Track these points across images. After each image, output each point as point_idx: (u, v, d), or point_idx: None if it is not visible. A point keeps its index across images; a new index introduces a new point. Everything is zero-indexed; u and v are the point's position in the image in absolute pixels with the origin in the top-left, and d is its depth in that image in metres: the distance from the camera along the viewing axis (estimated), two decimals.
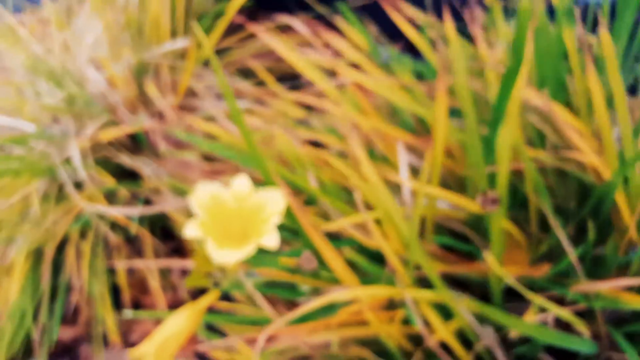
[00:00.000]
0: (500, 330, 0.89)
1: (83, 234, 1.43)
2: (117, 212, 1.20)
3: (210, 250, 0.65)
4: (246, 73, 1.51)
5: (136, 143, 1.39)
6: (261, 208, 0.72)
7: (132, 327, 1.49)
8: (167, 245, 1.57)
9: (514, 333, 0.75)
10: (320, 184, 0.93)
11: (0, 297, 1.42)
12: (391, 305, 0.78)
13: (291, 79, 1.53)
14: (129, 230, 1.39)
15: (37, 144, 1.42)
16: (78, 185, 1.40)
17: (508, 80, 0.69)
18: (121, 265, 1.41)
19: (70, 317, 1.51)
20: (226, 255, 0.65)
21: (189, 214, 1.46)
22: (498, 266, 0.80)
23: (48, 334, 1.44)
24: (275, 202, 0.71)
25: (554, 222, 0.72)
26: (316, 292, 0.84)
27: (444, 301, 0.77)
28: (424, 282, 0.85)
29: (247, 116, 1.13)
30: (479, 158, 0.70)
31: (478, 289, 0.92)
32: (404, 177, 0.81)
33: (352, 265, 0.83)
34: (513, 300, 0.93)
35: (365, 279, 0.85)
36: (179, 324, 0.71)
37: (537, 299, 0.72)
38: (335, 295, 0.67)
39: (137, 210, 1.19)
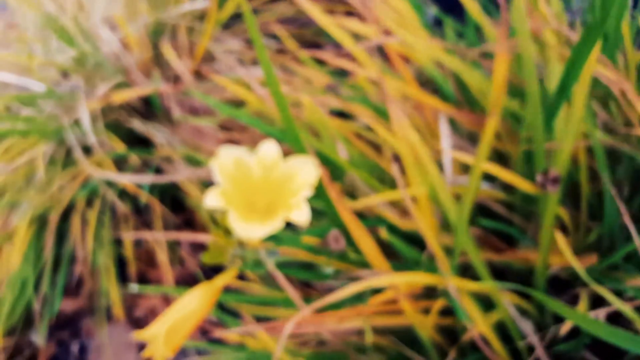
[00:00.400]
0: (540, 326, 0.81)
1: (90, 202, 1.36)
2: (126, 180, 1.12)
3: (233, 223, 0.57)
4: (268, 38, 1.42)
5: (149, 108, 1.30)
6: (290, 178, 0.63)
7: (137, 302, 1.43)
8: (177, 217, 1.49)
9: (566, 326, 0.67)
10: (349, 157, 0.84)
11: (1, 264, 1.35)
12: (427, 293, 0.70)
13: (314, 47, 1.44)
14: (138, 200, 1.32)
15: (45, 105, 1.34)
16: (87, 150, 1.32)
17: (581, 50, 0.59)
18: (128, 236, 1.34)
19: (73, 289, 1.45)
20: (251, 229, 0.57)
21: (201, 185, 1.39)
22: (546, 254, 0.72)
23: (49, 305, 1.38)
24: (306, 172, 0.63)
25: (619, 202, 0.63)
26: (341, 275, 0.77)
27: (487, 292, 0.69)
28: (460, 269, 0.77)
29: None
30: (540, 133, 0.61)
31: (514, 278, 0.84)
32: (447, 151, 0.73)
33: (382, 247, 0.75)
34: (552, 293, 0.85)
35: (397, 263, 0.77)
36: (192, 304, 0.63)
37: (602, 291, 0.63)
38: (370, 281, 0.59)
39: (148, 179, 1.11)
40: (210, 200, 0.57)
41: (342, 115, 1.06)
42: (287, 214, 0.58)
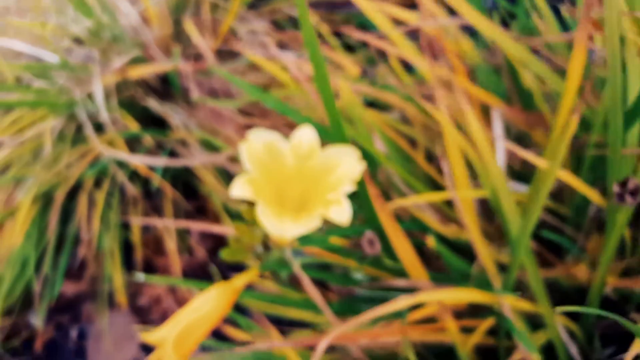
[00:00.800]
0: (585, 351, 0.73)
1: (98, 183, 1.28)
2: (138, 161, 1.04)
3: (263, 218, 0.49)
4: (295, 23, 1.34)
5: (167, 87, 1.22)
6: (329, 170, 0.55)
7: (142, 290, 1.35)
8: (189, 204, 1.42)
9: (635, 350, 0.58)
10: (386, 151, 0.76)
11: (2, 241, 1.28)
12: (471, 310, 0.61)
13: (341, 35, 1.36)
14: (149, 184, 1.24)
15: (58, 78, 1.26)
16: (98, 128, 1.24)
17: None
18: (136, 221, 1.26)
19: (75, 272, 1.37)
20: (283, 226, 0.49)
21: (216, 172, 1.31)
22: (604, 273, 0.64)
23: (50, 287, 1.30)
24: (348, 164, 0.54)
25: None
26: (370, 280, 0.68)
27: (540, 312, 0.60)
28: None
29: (299, 67, 0.95)
30: (619, 138, 0.53)
31: (559, 294, 0.76)
32: (501, 151, 0.64)
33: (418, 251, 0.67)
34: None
35: (435, 272, 0.68)
36: (207, 306, 0.55)
37: None
38: (416, 297, 0.51)
39: (161, 162, 1.03)
40: (237, 190, 0.49)
41: (373, 105, 0.98)
42: (324, 211, 0.50)
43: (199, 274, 1.32)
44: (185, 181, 1.32)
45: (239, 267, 0.60)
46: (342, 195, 0.50)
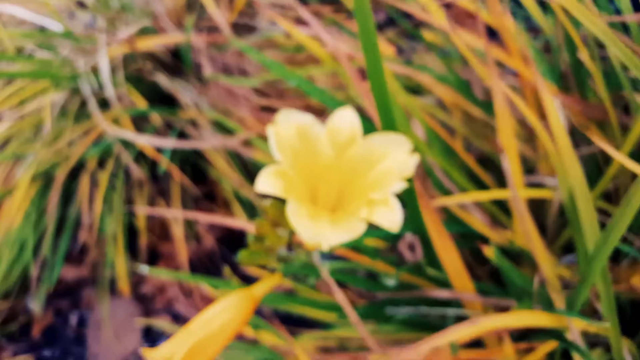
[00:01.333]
0: None
1: (102, 163, 1.19)
2: (145, 141, 0.94)
3: (295, 220, 0.39)
4: None
5: (177, 62, 1.13)
6: (373, 162, 0.45)
7: (146, 277, 1.27)
8: (198, 189, 1.33)
9: None
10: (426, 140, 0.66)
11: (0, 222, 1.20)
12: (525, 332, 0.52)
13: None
14: (155, 166, 1.15)
15: (62, 48, 1.17)
16: (103, 104, 1.15)
17: None
18: (142, 209, 1.18)
19: (76, 256, 1.29)
20: (320, 232, 0.39)
21: (228, 156, 1.21)
22: None
23: (49, 271, 1.22)
24: (398, 156, 0.44)
25: None
26: (407, 289, 0.59)
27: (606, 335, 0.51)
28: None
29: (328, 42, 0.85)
30: None
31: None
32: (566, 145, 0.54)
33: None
34: None
35: (481, 283, 0.59)
36: (223, 317, 0.46)
37: None
38: (475, 325, 0.42)
39: (170, 143, 0.94)
40: (264, 184, 0.40)
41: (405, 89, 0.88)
42: (367, 213, 0.41)
43: (207, 264, 1.24)
44: (194, 164, 1.23)
45: None
46: (390, 194, 0.41)
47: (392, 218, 0.39)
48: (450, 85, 0.76)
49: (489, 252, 0.50)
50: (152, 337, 1.20)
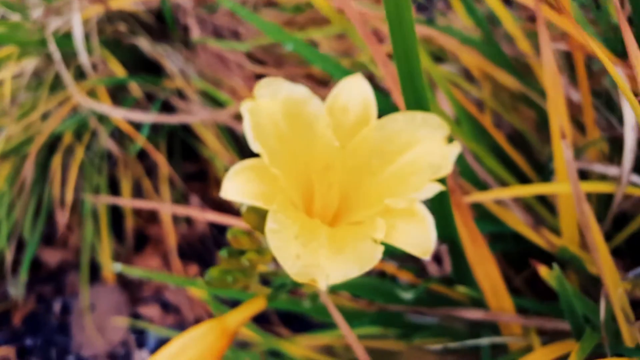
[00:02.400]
0: None
1: (80, 137, 1.06)
2: (120, 115, 0.81)
3: (276, 245, 0.25)
4: None
5: (161, 25, 0.98)
6: (393, 153, 0.31)
7: (133, 261, 1.15)
8: (189, 166, 1.20)
9: None
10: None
11: None
12: None
13: None
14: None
15: (34, 10, 1.02)
16: (82, 74, 1.01)
17: None
18: (127, 185, 1.05)
19: (59, 239, 1.17)
20: (315, 262, 0.25)
21: (219, 131, 1.08)
22: None
23: (28, 254, 1.10)
24: (429, 143, 0.30)
25: None
26: (429, 305, 0.47)
27: None
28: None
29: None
30: None
31: None
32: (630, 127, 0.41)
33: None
34: None
35: (521, 300, 0.46)
36: (194, 350, 0.34)
37: None
38: None
39: (150, 117, 0.80)
40: (232, 189, 0.26)
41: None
42: (383, 229, 0.27)
43: (198, 249, 1.11)
44: (183, 141, 1.09)
45: None
46: (417, 200, 0.27)
47: (420, 238, 0.25)
48: (478, 49, 0.61)
49: (545, 272, 0.37)
50: (138, 328, 1.08)
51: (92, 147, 1.03)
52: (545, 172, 0.64)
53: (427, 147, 0.29)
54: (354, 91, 0.30)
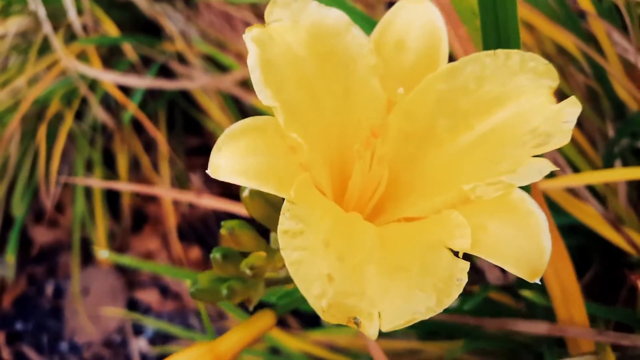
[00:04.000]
0: None
1: (70, 105, 0.95)
2: (110, 79, 0.70)
3: (291, 257, 0.15)
4: None
5: None
6: (477, 110, 0.21)
7: (130, 242, 1.05)
8: (190, 140, 1.09)
9: None
10: None
11: None
12: None
13: None
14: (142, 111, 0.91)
15: None
16: (73, 38, 0.91)
17: None
18: (122, 159, 0.95)
19: (51, 216, 1.07)
20: (360, 292, 0.16)
21: (222, 100, 0.95)
22: None
23: (14, 232, 1.01)
24: (531, 97, 0.20)
25: None
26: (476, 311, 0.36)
27: None
28: None
29: None
30: None
31: None
32: None
33: None
34: None
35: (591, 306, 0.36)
36: None
37: None
38: None
39: (144, 82, 0.70)
40: (225, 164, 0.16)
41: None
42: (466, 233, 0.17)
43: (200, 229, 1.01)
44: (185, 112, 0.99)
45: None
46: (517, 186, 0.17)
47: (527, 248, 0.15)
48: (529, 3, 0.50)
49: None
50: (135, 317, 0.99)
51: (84, 116, 0.93)
52: (606, 154, 0.53)
53: (527, 104, 0.18)
54: (414, 18, 0.19)
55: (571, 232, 0.45)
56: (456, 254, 0.15)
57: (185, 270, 0.59)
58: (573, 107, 0.18)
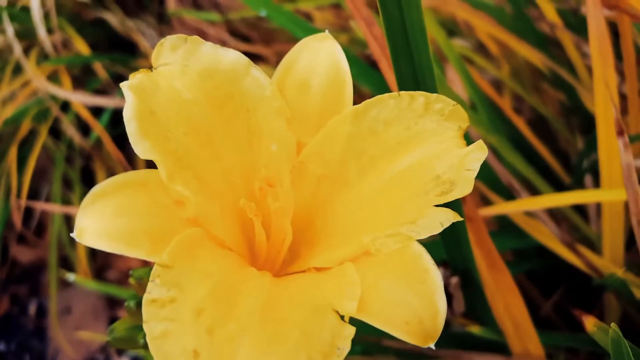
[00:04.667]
0: None
1: (44, 121, 0.94)
2: (79, 100, 0.69)
3: (151, 333, 0.14)
4: None
5: None
6: (383, 153, 0.19)
7: (110, 261, 1.04)
8: None
9: None
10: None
11: None
12: None
13: None
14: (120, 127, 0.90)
15: None
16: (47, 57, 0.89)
17: None
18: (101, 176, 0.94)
19: (32, 236, 1.06)
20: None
21: None
22: None
23: None
24: (437, 140, 0.18)
25: None
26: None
27: None
28: None
29: None
30: None
31: None
32: None
33: None
34: None
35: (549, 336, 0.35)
36: None
37: None
38: None
39: (112, 102, 0.68)
40: (90, 228, 0.15)
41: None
42: (360, 291, 0.16)
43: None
44: None
45: None
46: (416, 237, 0.16)
47: (420, 310, 0.14)
48: (495, 17, 0.49)
49: (590, 324, 0.25)
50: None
51: (61, 134, 0.92)
52: (575, 169, 0.52)
53: (432, 149, 0.17)
54: (317, 58, 0.18)
55: (539, 253, 0.43)
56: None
57: None
58: (479, 152, 0.16)
